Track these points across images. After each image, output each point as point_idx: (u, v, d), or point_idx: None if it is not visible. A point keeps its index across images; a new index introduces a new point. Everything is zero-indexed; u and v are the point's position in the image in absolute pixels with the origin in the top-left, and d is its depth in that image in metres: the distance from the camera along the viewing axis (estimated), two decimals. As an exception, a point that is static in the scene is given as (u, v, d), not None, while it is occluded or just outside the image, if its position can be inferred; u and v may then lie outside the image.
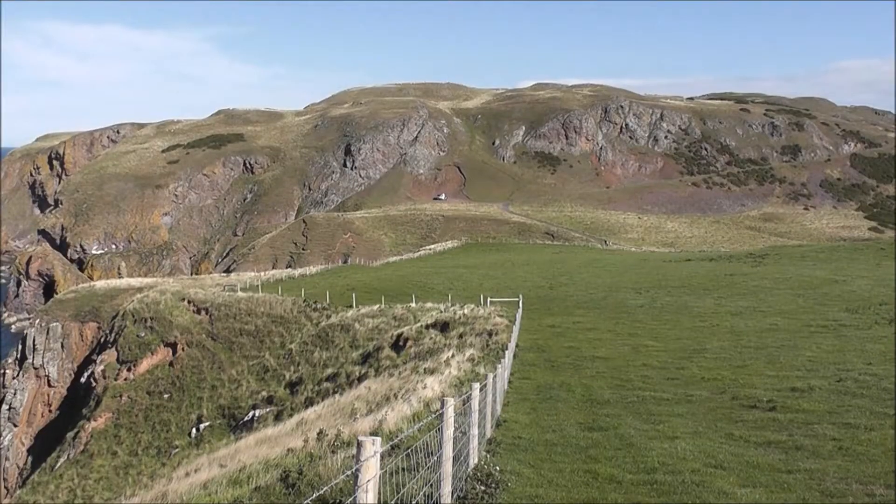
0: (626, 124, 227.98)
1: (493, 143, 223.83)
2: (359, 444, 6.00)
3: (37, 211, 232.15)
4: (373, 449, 5.98)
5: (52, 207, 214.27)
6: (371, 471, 5.93)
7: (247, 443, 27.56)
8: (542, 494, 11.17)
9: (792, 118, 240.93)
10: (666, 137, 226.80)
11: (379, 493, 6.16)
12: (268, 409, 43.13)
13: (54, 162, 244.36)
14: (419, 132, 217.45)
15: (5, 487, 65.81)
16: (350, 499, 5.95)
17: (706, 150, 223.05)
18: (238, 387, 51.50)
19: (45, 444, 64.81)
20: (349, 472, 6.03)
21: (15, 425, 69.77)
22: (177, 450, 46.78)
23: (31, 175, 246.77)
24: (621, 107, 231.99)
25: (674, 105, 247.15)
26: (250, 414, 44.49)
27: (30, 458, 66.43)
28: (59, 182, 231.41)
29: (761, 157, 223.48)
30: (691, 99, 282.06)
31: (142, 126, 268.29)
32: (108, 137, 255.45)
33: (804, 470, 12.09)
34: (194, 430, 48.80)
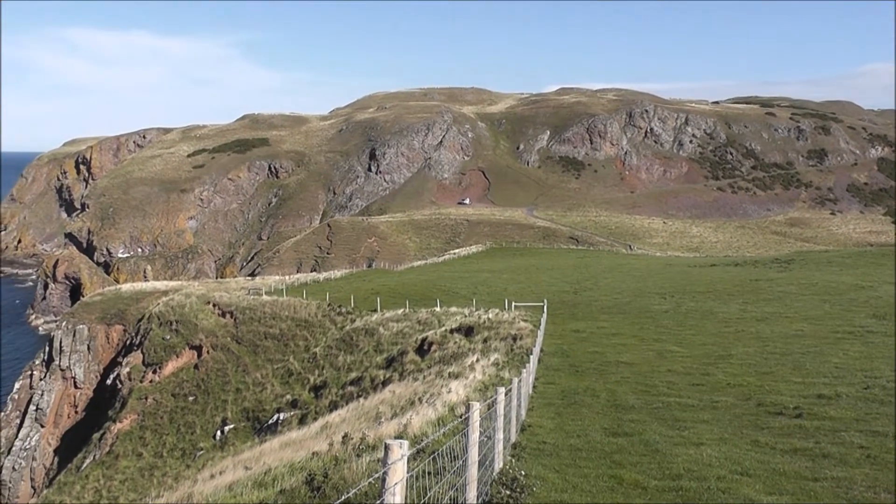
0: (651, 129, 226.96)
1: (518, 148, 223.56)
2: (386, 448, 6.04)
3: (64, 215, 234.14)
4: (400, 452, 6.01)
5: (78, 211, 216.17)
6: (398, 474, 5.97)
7: (271, 446, 27.65)
8: (567, 499, 11.17)
9: (818, 122, 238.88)
10: (691, 142, 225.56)
11: (405, 497, 6.19)
12: (292, 413, 43.24)
13: (81, 166, 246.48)
14: (444, 137, 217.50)
15: (32, 487, 66.41)
16: (377, 502, 5.99)
17: (731, 154, 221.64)
18: (262, 390, 51.68)
19: (72, 444, 65.30)
20: (376, 476, 6.06)
21: (42, 426, 70.36)
22: (201, 452, 46.98)
23: (59, 179, 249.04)
24: (646, 111, 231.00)
25: (699, 109, 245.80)
26: (274, 417, 44.62)
27: (56, 459, 66.97)
28: (86, 186, 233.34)
29: (787, 162, 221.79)
30: (716, 103, 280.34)
31: (167, 131, 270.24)
32: (133, 142, 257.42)
33: (831, 478, 12.00)
34: (219, 433, 49.00)
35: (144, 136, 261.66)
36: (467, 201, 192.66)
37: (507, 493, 10.75)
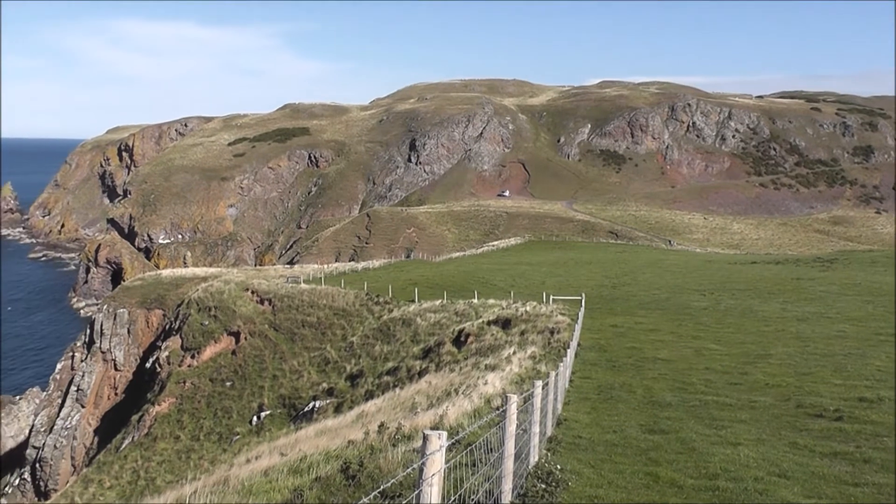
0: (693, 123, 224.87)
1: (558, 141, 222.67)
2: (425, 438, 6.05)
3: (106, 200, 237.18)
4: (438, 443, 6.03)
5: (120, 197, 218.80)
6: (436, 465, 5.98)
7: (307, 433, 27.80)
8: (602, 495, 11.13)
9: (865, 118, 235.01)
10: (734, 136, 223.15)
11: (442, 488, 6.20)
12: (328, 401, 43.47)
13: (123, 154, 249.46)
14: (484, 128, 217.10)
15: (72, 465, 67.51)
16: (414, 492, 6.01)
17: (775, 150, 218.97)
18: (299, 377, 52.02)
19: (111, 425, 66.23)
20: (414, 466, 6.08)
21: (83, 406, 71.43)
22: (238, 437, 47.43)
23: (101, 166, 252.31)
24: (688, 105, 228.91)
25: (742, 103, 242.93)
26: (310, 405, 44.89)
27: (96, 439, 67.98)
28: (128, 173, 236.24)
29: (832, 158, 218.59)
30: (761, 97, 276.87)
31: (209, 119, 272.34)
32: (175, 130, 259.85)
33: (872, 484, 11.81)
34: (255, 418, 49.43)
35: (186, 125, 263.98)
36: (507, 193, 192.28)
37: (543, 486, 10.74)
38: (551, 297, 48.78)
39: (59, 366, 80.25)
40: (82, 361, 75.42)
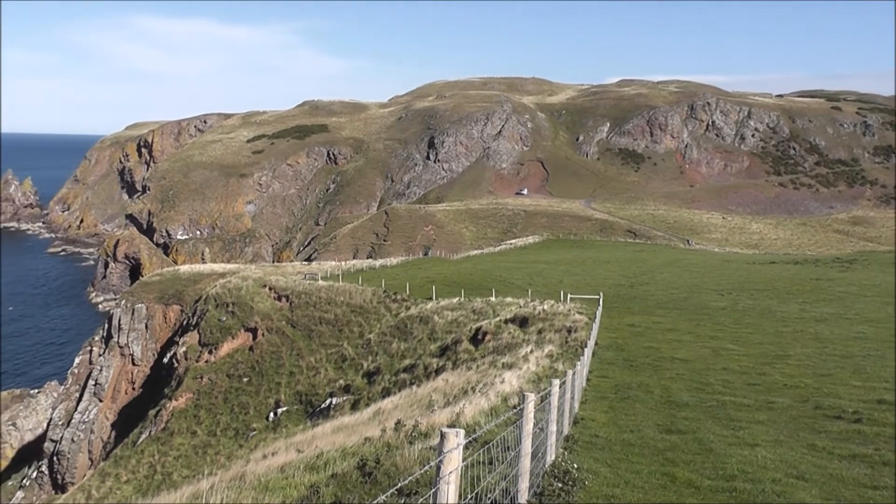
0: (713, 122, 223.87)
1: (577, 139, 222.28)
2: (442, 436, 6.06)
3: (125, 196, 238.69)
4: (456, 441, 6.03)
5: (139, 193, 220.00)
6: (453, 462, 5.98)
7: (323, 430, 27.88)
8: (619, 495, 11.10)
9: (886, 117, 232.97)
10: (753, 136, 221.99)
11: (459, 486, 6.21)
12: (345, 398, 43.57)
13: (143, 150, 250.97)
14: (503, 126, 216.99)
15: (90, 459, 67.98)
16: (431, 490, 6.02)
17: (794, 149, 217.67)
18: (316, 374, 52.14)
19: (129, 420, 66.62)
20: (431, 464, 6.09)
21: (100, 400, 71.88)
22: (254, 432, 47.59)
23: (121, 162, 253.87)
24: (708, 104, 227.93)
25: (762, 102, 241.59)
26: (327, 401, 44.98)
27: (113, 433, 68.40)
28: (147, 169, 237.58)
29: (852, 158, 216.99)
30: (780, 96, 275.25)
31: (228, 116, 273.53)
32: (194, 127, 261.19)
33: (892, 487, 11.71)
34: (272, 415, 49.58)
35: (205, 121, 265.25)
36: (525, 192, 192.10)
37: (560, 485, 10.73)
38: (569, 296, 48.69)
39: (77, 360, 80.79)
40: (100, 356, 75.87)
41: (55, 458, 68.45)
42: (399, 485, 6.29)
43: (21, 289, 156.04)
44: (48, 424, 74.49)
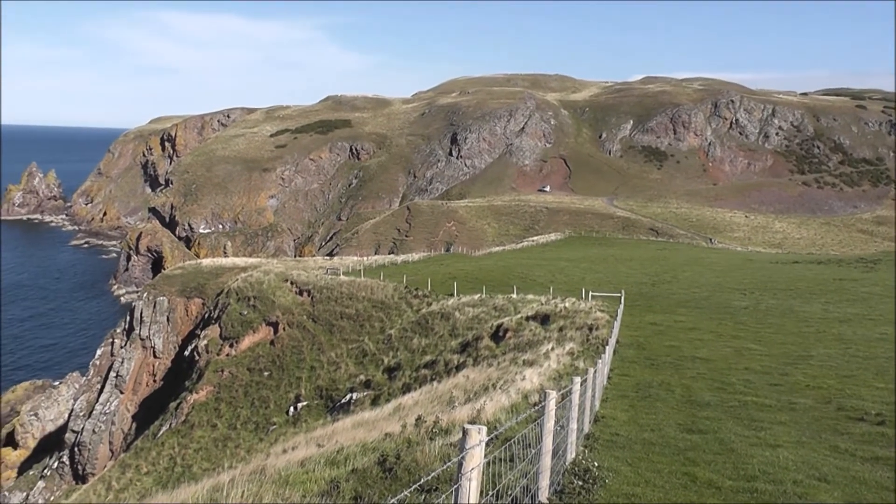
0: (737, 120, 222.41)
1: (600, 137, 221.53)
2: (465, 432, 6.08)
3: (148, 190, 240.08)
4: (478, 438, 6.05)
5: (162, 187, 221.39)
6: (476, 459, 6.00)
7: (344, 425, 27.95)
8: (640, 494, 11.09)
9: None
10: (777, 134, 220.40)
11: (480, 482, 6.22)
12: (365, 393, 43.64)
13: (166, 143, 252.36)
14: (526, 123, 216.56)
15: (110, 450, 68.49)
16: (452, 486, 6.03)
17: (819, 148, 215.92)
18: (336, 369, 52.27)
19: (149, 412, 67.08)
20: (453, 461, 6.11)
21: (121, 392, 72.40)
22: (274, 426, 47.79)
23: (144, 155, 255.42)
24: (732, 101, 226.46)
25: (786, 101, 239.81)
26: (348, 396, 45.08)
27: (134, 425, 68.89)
28: (171, 163, 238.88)
29: (877, 157, 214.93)
30: (805, 94, 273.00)
31: (251, 111, 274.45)
32: (218, 121, 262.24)
33: (914, 489, 11.66)
34: (292, 409, 49.75)
35: (228, 116, 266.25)
36: (547, 189, 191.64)
37: (580, 483, 10.73)
38: (590, 294, 48.56)
39: (98, 351, 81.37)
40: (122, 348, 76.40)
41: (76, 449, 69.01)
42: (420, 481, 6.31)
43: (44, 282, 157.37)
44: (69, 415, 75.07)
